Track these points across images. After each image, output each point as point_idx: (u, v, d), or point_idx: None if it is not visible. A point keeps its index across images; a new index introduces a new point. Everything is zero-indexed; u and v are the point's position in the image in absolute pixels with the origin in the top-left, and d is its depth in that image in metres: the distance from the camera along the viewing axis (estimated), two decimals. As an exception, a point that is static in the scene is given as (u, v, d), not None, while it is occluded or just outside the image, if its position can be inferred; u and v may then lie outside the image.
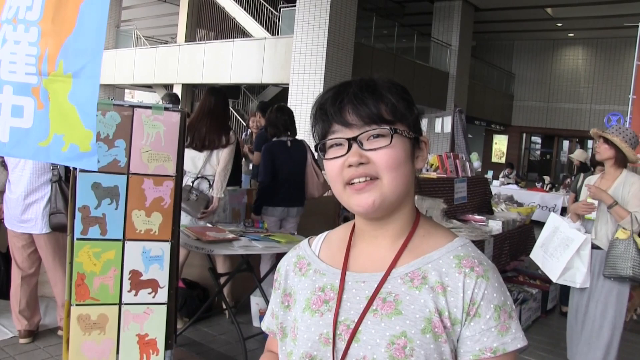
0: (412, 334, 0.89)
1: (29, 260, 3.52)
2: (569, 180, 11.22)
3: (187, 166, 3.84)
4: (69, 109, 2.12)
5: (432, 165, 5.90)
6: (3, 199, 3.49)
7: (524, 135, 22.18)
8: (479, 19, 17.67)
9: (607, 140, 3.31)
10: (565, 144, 22.17)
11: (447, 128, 7.51)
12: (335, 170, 0.94)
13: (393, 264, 0.96)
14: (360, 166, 0.92)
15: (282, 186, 4.19)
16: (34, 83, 2.17)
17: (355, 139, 0.92)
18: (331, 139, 0.95)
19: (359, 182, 0.92)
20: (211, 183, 3.90)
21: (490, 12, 17.55)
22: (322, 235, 1.11)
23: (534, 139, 22.99)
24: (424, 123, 1.03)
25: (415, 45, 16.00)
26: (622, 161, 3.33)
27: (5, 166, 3.42)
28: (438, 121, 8.08)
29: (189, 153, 3.79)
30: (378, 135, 0.92)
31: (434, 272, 0.93)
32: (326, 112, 0.95)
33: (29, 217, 3.39)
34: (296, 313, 1.01)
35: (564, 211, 8.91)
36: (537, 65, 21.14)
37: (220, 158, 3.90)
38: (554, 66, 20.88)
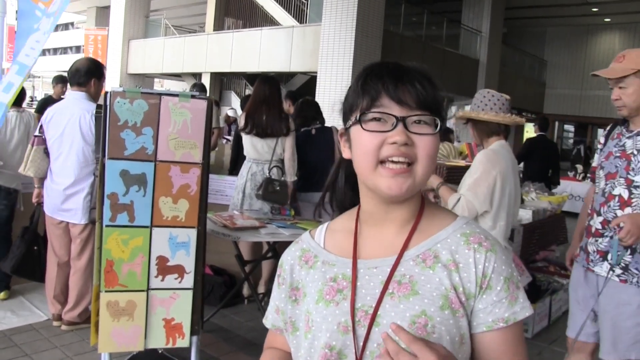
0: (432, 312, 0.91)
1: (66, 248, 3.57)
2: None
3: (246, 151, 4.11)
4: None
5: (462, 153, 5.81)
6: (43, 186, 3.55)
7: (557, 123, 21.69)
8: (511, 4, 17.28)
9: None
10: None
11: (477, 116, 7.37)
12: (372, 144, 0.92)
13: (404, 247, 0.97)
14: (403, 146, 0.91)
15: (311, 173, 4.30)
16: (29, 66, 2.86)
17: (404, 118, 0.92)
18: (377, 112, 0.93)
19: (398, 166, 0.91)
20: (283, 170, 4.09)
21: (523, -2, 17.17)
22: (323, 227, 1.10)
23: (566, 127, 22.45)
24: (452, 111, 1.04)
25: (445, 32, 15.74)
26: (479, 137, 2.92)
27: (47, 154, 3.47)
28: (467, 109, 7.95)
29: (249, 139, 4.05)
30: (421, 122, 0.93)
31: (445, 251, 0.95)
32: (383, 82, 0.93)
33: (69, 207, 3.44)
34: (308, 305, 1.00)
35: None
36: (570, 52, 20.59)
37: (286, 147, 4.08)
38: (588, 52, 20.32)
